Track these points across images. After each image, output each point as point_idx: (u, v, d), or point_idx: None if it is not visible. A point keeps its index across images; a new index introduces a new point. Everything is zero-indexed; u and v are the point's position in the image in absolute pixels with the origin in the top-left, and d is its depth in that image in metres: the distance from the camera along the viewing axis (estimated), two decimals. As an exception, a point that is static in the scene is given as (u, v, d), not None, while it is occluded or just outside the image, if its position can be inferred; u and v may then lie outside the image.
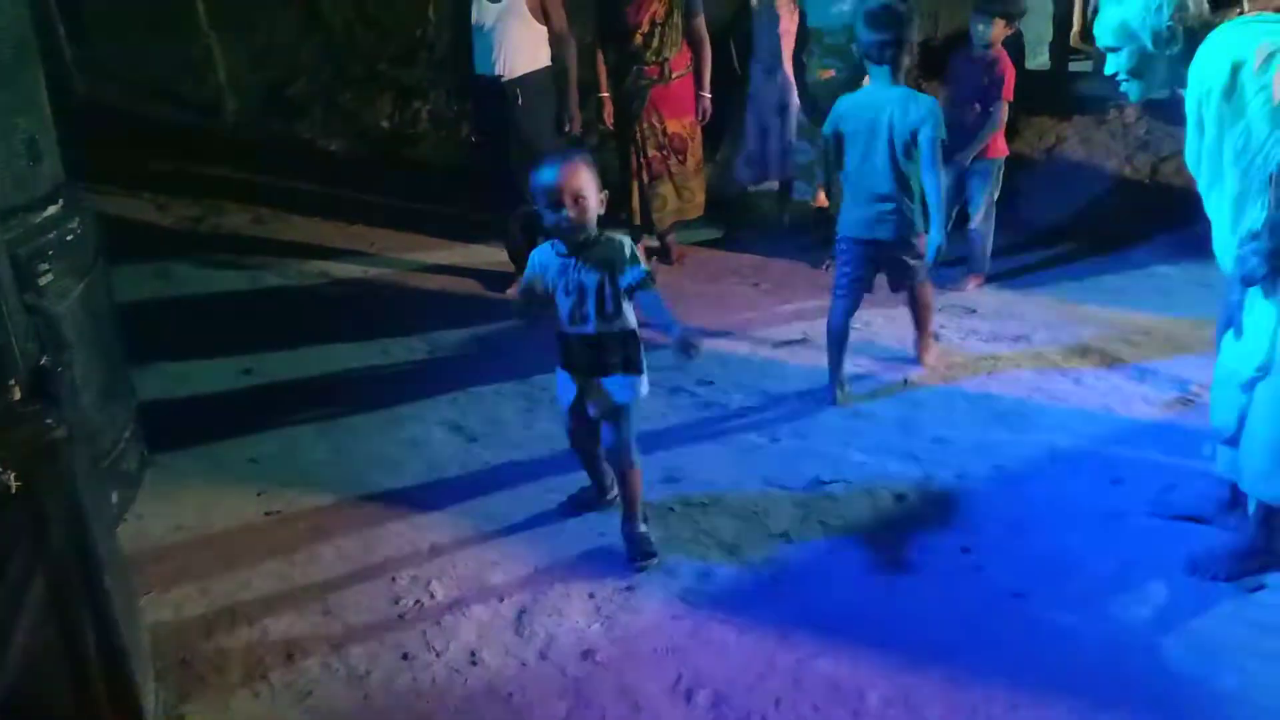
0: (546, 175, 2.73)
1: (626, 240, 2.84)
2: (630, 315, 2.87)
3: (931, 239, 3.78)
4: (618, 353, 2.87)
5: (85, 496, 1.95)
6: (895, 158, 3.69)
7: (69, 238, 2.95)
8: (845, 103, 3.82)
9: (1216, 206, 2.62)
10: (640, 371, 2.91)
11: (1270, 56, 2.42)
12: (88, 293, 3.05)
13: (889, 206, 3.74)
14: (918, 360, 4.23)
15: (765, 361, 4.35)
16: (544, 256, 2.86)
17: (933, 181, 3.68)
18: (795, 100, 5.39)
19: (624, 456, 2.96)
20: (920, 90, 4.04)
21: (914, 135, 3.64)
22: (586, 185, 2.74)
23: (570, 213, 2.73)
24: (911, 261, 3.87)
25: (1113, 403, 3.86)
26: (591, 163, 2.80)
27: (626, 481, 3.00)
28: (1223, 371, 2.76)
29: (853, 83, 4.74)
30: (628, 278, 2.79)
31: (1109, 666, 2.49)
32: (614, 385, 2.89)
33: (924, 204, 3.79)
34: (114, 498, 3.03)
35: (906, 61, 3.73)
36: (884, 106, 3.67)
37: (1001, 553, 2.96)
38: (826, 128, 3.86)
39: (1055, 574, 2.85)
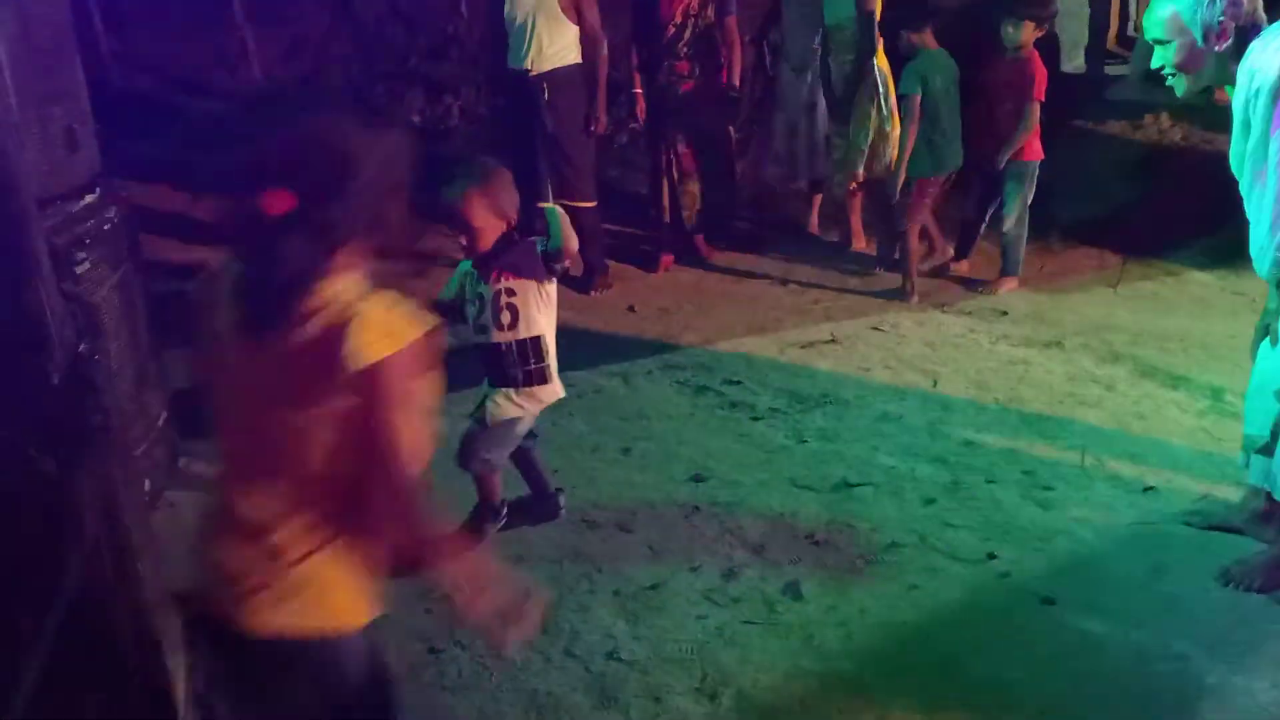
0: (444, 192, 2.74)
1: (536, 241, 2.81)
2: (536, 321, 2.82)
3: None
4: (516, 365, 2.84)
5: (120, 484, 1.97)
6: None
7: (105, 227, 2.98)
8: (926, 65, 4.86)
9: (1257, 208, 2.57)
10: (543, 382, 2.88)
11: None
12: (123, 281, 3.08)
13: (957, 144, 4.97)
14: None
15: (793, 362, 4.33)
16: (466, 264, 2.89)
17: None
18: (823, 100, 5.37)
19: (472, 459, 2.96)
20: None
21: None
22: (475, 214, 2.74)
23: (461, 238, 2.77)
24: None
25: (1145, 410, 3.82)
26: (498, 182, 2.78)
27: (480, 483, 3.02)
28: (1258, 380, 2.72)
29: (859, 72, 5.05)
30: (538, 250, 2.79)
31: (1138, 676, 2.46)
32: (499, 397, 2.88)
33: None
34: (147, 485, 3.05)
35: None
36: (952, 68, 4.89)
37: (1030, 559, 2.93)
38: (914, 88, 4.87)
39: (1085, 582, 2.82)
